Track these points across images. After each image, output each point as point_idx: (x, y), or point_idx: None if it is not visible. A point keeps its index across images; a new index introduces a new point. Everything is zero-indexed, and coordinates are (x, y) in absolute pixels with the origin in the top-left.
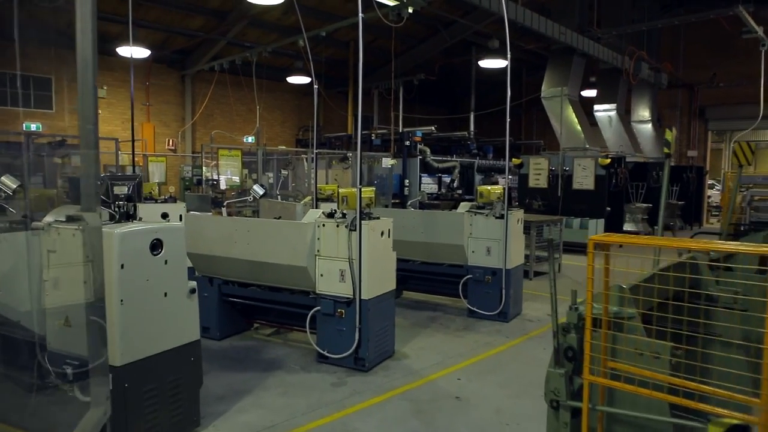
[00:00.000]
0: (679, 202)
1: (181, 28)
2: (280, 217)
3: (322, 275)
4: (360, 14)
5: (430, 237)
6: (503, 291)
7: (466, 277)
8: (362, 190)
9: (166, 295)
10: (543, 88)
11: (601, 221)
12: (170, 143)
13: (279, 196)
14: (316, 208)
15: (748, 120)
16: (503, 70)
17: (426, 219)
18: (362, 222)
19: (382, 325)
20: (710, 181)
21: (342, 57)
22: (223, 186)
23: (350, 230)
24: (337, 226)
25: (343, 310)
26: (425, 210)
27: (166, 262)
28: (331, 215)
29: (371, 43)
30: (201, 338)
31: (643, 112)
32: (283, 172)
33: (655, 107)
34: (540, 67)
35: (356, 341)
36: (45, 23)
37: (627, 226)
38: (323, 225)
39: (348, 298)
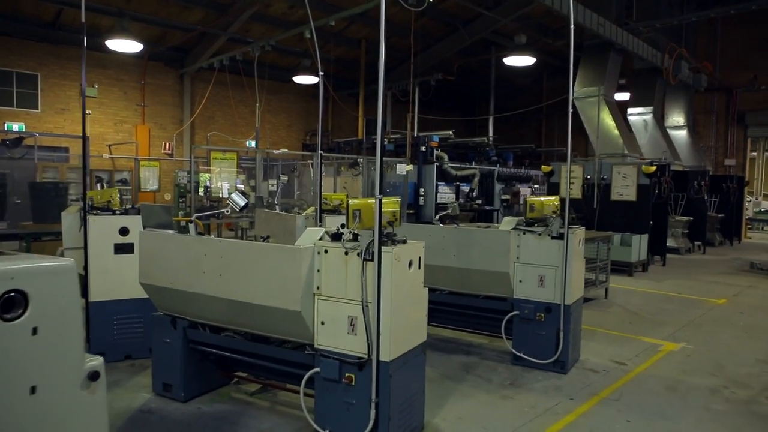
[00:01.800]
0: (719, 215)
1: (178, 22)
2: (268, 237)
3: (323, 323)
4: None
5: (465, 261)
6: (561, 333)
7: (511, 314)
8: (383, 201)
9: (33, 390)
10: (575, 88)
11: (645, 237)
12: (166, 147)
13: (278, 206)
14: (320, 222)
15: None
16: (525, 71)
17: (459, 238)
18: (382, 247)
19: (409, 394)
20: None
21: (353, 57)
22: (225, 194)
23: (365, 259)
24: (346, 253)
25: (353, 375)
26: (456, 226)
27: (34, 331)
28: (337, 236)
29: (385, 42)
30: (162, 398)
31: (677, 118)
32: (282, 177)
33: (691, 112)
34: (562, 70)
35: (372, 421)
36: (30, 15)
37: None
38: (325, 251)
39: (360, 357)
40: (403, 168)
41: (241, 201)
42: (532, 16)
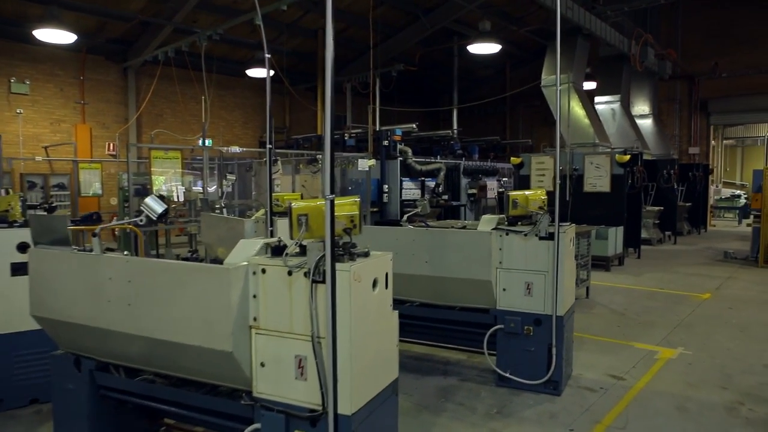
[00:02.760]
0: (687, 204)
1: (117, 11)
2: (195, 252)
3: (263, 365)
4: None
5: (439, 268)
6: (553, 349)
7: (494, 328)
8: (337, 203)
9: None
10: (543, 75)
11: (621, 229)
12: (110, 148)
13: (225, 209)
14: (271, 227)
15: (757, 113)
16: (488, 61)
17: (432, 241)
18: (337, 264)
19: None
20: None
21: (310, 49)
22: (181, 197)
23: (314, 281)
24: (290, 272)
25: None
26: (426, 226)
27: None
28: (278, 250)
29: (342, 33)
30: None
31: (642, 106)
32: (230, 177)
33: (656, 100)
34: (525, 61)
35: None
36: None
37: None
38: (263, 270)
39: (313, 410)
40: (365, 163)
41: (159, 207)
42: (494, 4)
